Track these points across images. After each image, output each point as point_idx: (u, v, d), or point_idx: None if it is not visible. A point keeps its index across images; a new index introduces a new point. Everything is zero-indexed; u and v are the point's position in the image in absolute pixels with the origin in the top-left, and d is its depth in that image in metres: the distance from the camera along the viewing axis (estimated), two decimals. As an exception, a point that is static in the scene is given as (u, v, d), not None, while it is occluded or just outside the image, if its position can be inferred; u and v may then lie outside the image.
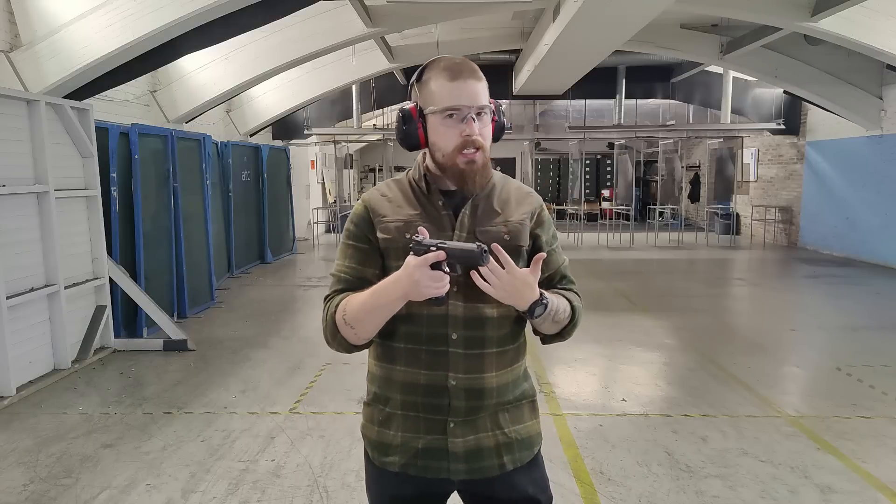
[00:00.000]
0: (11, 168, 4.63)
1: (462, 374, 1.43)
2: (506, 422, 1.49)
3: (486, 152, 1.43)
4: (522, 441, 1.51)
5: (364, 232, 1.48)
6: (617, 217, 16.15)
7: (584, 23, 7.03)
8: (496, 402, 1.47)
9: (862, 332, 6.28)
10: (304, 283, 9.29)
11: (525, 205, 1.52)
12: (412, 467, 1.47)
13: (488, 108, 1.43)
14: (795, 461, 3.47)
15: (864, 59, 9.78)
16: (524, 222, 1.49)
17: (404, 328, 1.44)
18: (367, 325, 1.40)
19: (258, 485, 3.24)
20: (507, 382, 1.49)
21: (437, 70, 1.43)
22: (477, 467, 1.45)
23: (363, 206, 1.50)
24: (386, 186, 1.54)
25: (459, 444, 1.44)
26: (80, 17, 5.52)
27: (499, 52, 11.92)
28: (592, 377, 4.93)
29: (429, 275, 1.27)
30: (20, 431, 3.95)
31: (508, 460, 1.48)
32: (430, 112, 1.42)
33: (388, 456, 1.50)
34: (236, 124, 11.64)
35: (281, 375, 5.01)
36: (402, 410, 1.48)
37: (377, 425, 1.54)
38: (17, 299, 4.56)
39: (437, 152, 1.43)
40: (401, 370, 1.47)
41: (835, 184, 11.82)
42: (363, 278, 1.46)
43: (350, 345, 1.47)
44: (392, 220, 1.46)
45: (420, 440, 1.46)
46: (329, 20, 8.32)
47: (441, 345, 1.43)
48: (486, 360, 1.45)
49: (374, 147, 20.43)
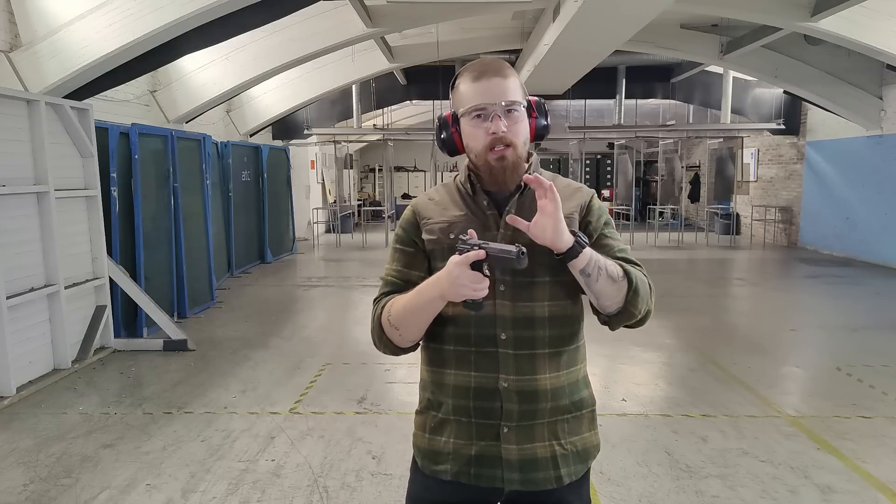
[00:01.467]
0: (11, 168, 4.63)
1: (513, 376, 1.40)
2: (563, 433, 1.44)
3: (519, 149, 1.41)
4: (579, 453, 1.46)
5: (410, 235, 1.49)
6: (617, 217, 16.16)
7: (584, 23, 7.03)
8: (552, 407, 1.42)
9: (862, 332, 6.28)
10: (304, 284, 9.29)
11: (574, 199, 1.48)
12: (465, 475, 1.43)
13: (519, 103, 1.40)
14: (795, 461, 3.47)
15: (864, 59, 9.77)
16: (573, 216, 1.45)
17: (452, 330, 1.43)
18: (410, 326, 1.39)
19: (258, 485, 3.24)
20: (562, 385, 1.44)
21: (465, 73, 1.44)
22: (531, 478, 1.41)
23: (411, 211, 1.52)
24: (434, 191, 1.55)
25: (514, 452, 1.40)
26: (80, 17, 5.52)
27: (499, 52, 11.90)
28: (592, 377, 4.86)
29: (468, 274, 1.25)
30: (20, 431, 3.95)
31: (566, 473, 1.43)
32: (462, 115, 1.43)
33: (440, 464, 1.45)
34: (236, 124, 11.64)
35: (281, 375, 5.01)
36: (455, 416, 1.44)
37: (428, 433, 1.49)
38: (17, 299, 4.56)
39: (471, 153, 1.45)
40: (451, 373, 1.44)
41: (835, 184, 11.82)
42: (409, 281, 1.46)
43: (395, 347, 1.45)
44: (437, 222, 1.46)
45: (473, 447, 1.42)
46: (329, 20, 8.32)
47: (490, 346, 1.40)
48: (537, 360, 1.41)
49: (374, 147, 20.43)
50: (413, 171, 21.69)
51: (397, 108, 17.60)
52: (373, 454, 3.58)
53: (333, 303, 8.02)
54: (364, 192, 21.97)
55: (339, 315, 7.44)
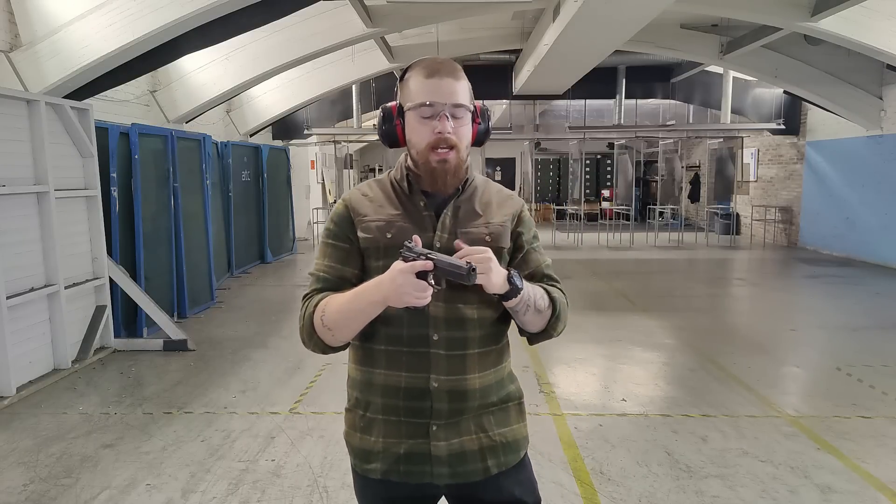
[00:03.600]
0: (11, 168, 4.63)
1: (444, 376, 1.40)
2: (490, 425, 1.46)
3: (461, 153, 1.41)
4: (508, 444, 1.48)
5: (345, 231, 1.46)
6: (617, 217, 16.16)
7: (584, 23, 7.03)
8: (480, 405, 1.44)
9: (862, 332, 6.28)
10: (303, 283, 9.25)
11: (506, 207, 1.51)
12: (394, 473, 1.43)
13: (466, 108, 1.41)
14: (795, 461, 3.47)
15: (864, 59, 9.77)
16: (505, 224, 1.48)
17: (384, 330, 1.41)
18: (344, 328, 1.37)
19: (258, 485, 3.24)
20: (490, 384, 1.46)
21: (418, 68, 1.43)
22: (461, 471, 1.43)
23: (343, 206, 1.49)
24: (367, 186, 1.52)
25: (443, 448, 1.41)
26: (80, 17, 5.52)
27: (499, 52, 11.92)
28: (592, 377, 4.93)
29: (412, 283, 1.24)
30: (20, 431, 3.95)
31: (493, 464, 1.45)
32: (408, 109, 1.41)
33: (370, 463, 1.45)
34: (236, 124, 11.64)
35: (281, 375, 5.01)
36: (384, 415, 1.44)
37: (359, 431, 1.48)
38: (17, 299, 4.56)
39: (412, 149, 1.43)
40: (381, 373, 1.44)
41: (835, 184, 11.82)
42: (343, 277, 1.44)
43: (326, 346, 1.42)
44: (373, 220, 1.44)
45: (402, 445, 1.42)
46: (329, 20, 8.32)
47: (422, 346, 1.40)
48: (468, 361, 1.42)
49: (374, 147, 20.41)
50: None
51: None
52: (373, 454, 3.57)
53: (333, 303, 8.01)
54: (364, 192, 21.91)
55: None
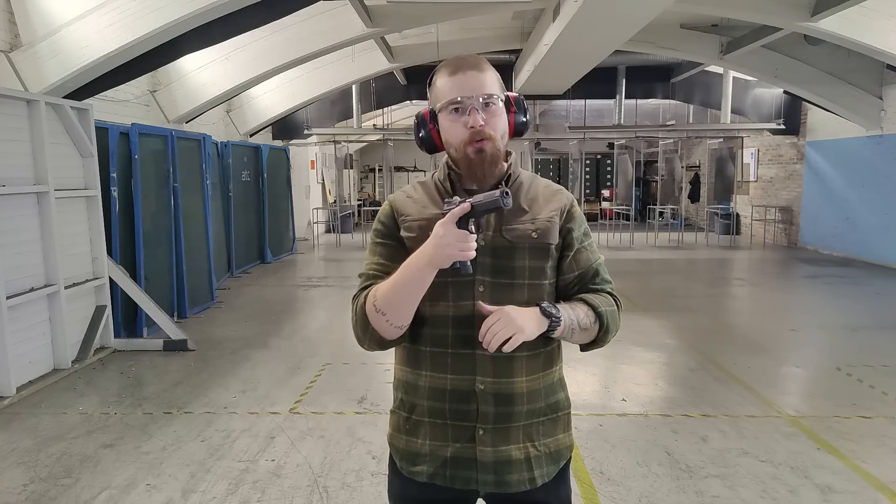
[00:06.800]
0: (11, 168, 4.63)
1: (490, 378, 1.39)
2: (538, 435, 1.44)
3: (497, 142, 1.39)
4: (552, 455, 1.46)
5: (391, 230, 1.46)
6: (617, 217, 16.14)
7: (584, 23, 7.03)
8: (528, 410, 1.42)
9: (862, 332, 6.28)
10: (304, 283, 9.28)
11: (554, 202, 1.47)
12: (440, 477, 1.42)
13: (496, 97, 1.39)
14: (795, 461, 3.47)
15: (864, 59, 9.77)
16: (553, 219, 1.44)
17: (429, 331, 1.41)
18: (397, 308, 1.34)
19: (258, 485, 3.25)
20: (538, 388, 1.44)
21: (442, 69, 1.43)
22: (505, 480, 1.41)
23: (389, 206, 1.49)
24: (412, 188, 1.53)
25: (489, 454, 1.40)
26: (80, 17, 5.52)
27: (499, 52, 11.90)
28: (592, 377, 4.93)
29: (454, 233, 1.25)
30: (20, 431, 3.95)
31: (539, 475, 1.43)
32: (439, 111, 1.41)
33: (417, 465, 1.45)
34: (236, 124, 11.64)
35: (281, 375, 5.01)
36: (430, 418, 1.43)
37: (405, 434, 1.48)
38: (17, 299, 4.56)
39: (450, 149, 1.43)
40: (426, 375, 1.43)
41: (835, 184, 11.82)
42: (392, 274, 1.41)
43: (382, 338, 1.39)
44: (416, 220, 1.44)
45: (448, 448, 1.41)
46: (329, 20, 8.32)
47: (467, 347, 1.39)
48: (515, 363, 1.40)
49: (374, 147, 20.43)
50: (413, 171, 21.67)
51: (397, 108, 17.61)
52: (373, 454, 3.58)
53: (333, 303, 8.01)
54: (364, 192, 21.97)
55: (339, 315, 7.43)
